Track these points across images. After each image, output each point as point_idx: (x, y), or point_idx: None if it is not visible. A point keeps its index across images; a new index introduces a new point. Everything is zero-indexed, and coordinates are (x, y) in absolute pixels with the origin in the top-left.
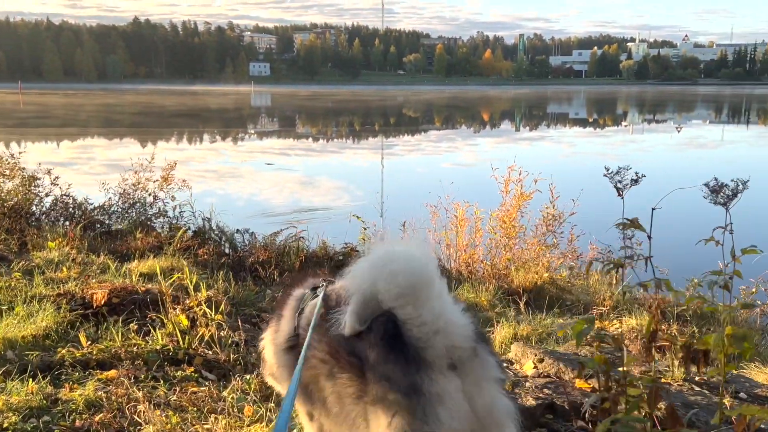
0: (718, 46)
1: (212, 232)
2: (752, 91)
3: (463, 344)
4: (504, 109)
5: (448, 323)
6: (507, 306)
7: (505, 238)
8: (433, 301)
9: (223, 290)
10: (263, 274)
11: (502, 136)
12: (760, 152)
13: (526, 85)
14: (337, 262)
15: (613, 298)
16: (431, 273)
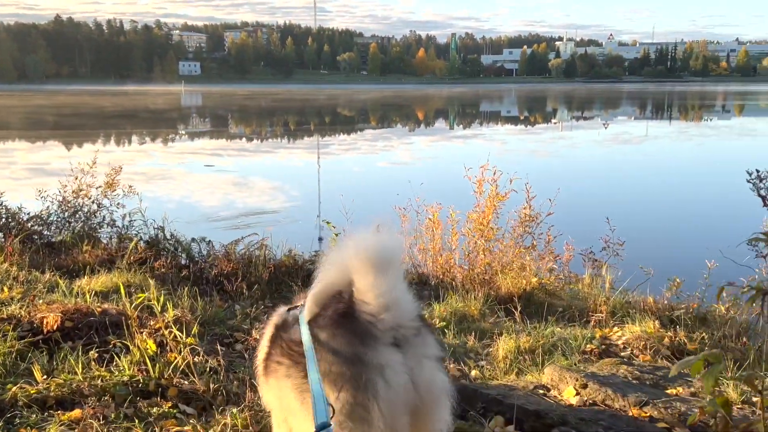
0: (641, 45)
1: (167, 242)
2: (673, 87)
3: (408, 323)
4: (439, 107)
5: (400, 301)
6: (498, 315)
7: (483, 241)
8: (390, 277)
9: (189, 308)
10: (230, 287)
11: (437, 135)
12: (682, 146)
13: (460, 84)
14: (307, 271)
15: (609, 303)
16: (395, 251)
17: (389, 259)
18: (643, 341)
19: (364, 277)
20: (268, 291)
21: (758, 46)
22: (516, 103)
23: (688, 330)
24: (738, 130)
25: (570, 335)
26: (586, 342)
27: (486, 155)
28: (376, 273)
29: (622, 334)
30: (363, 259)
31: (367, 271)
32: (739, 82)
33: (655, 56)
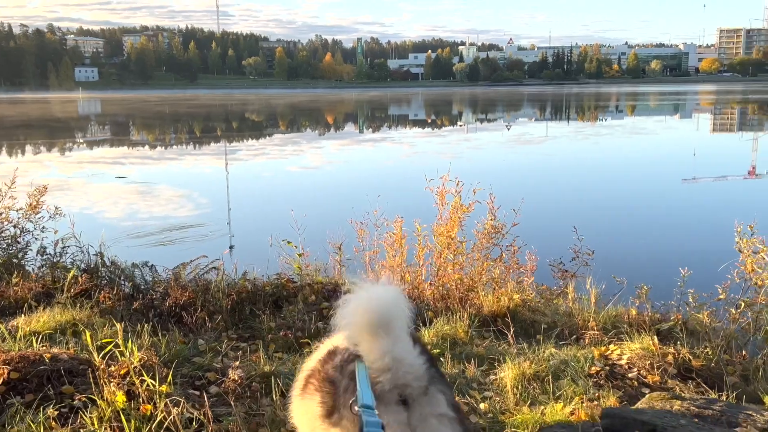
0: (539, 49)
1: (106, 269)
2: (570, 89)
3: (413, 383)
4: (349, 111)
5: (402, 361)
6: (486, 336)
7: (451, 255)
8: (390, 338)
9: (148, 345)
10: (189, 319)
11: (347, 139)
12: (580, 145)
13: (368, 88)
14: (271, 296)
15: (599, 319)
16: (395, 309)
17: (388, 320)
18: (646, 360)
19: (365, 339)
20: (231, 321)
21: (646, 50)
22: (423, 107)
23: (678, 342)
24: (630, 128)
25: (570, 356)
26: (588, 364)
27: (395, 157)
28: (375, 335)
29: (621, 353)
30: (362, 322)
31: (367, 333)
32: (630, 84)
33: (552, 60)
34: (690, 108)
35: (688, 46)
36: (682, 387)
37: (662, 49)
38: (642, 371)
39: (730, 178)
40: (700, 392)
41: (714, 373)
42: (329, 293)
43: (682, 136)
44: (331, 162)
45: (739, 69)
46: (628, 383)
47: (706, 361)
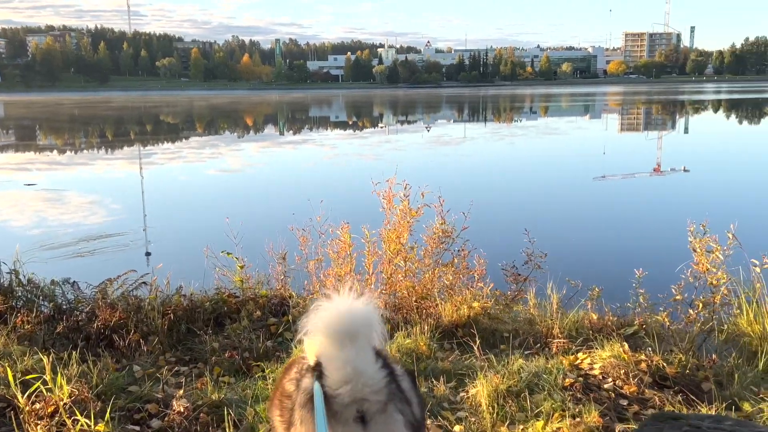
0: (456, 52)
1: (22, 288)
2: (487, 91)
3: (371, 398)
4: (269, 113)
5: (360, 375)
6: (447, 348)
7: (403, 262)
8: (351, 349)
9: (77, 375)
10: (121, 343)
11: (267, 141)
12: (497, 145)
13: (287, 89)
14: (211, 313)
15: (562, 326)
16: (360, 321)
17: (353, 330)
18: (620, 369)
19: (327, 348)
20: (168, 342)
21: (557, 53)
22: (344, 109)
23: (647, 347)
24: (543, 129)
25: (540, 368)
26: (561, 375)
27: (316, 159)
28: (338, 344)
29: (592, 362)
30: (326, 330)
31: (330, 342)
32: (543, 86)
33: (469, 62)
34: (599, 109)
35: (596, 49)
36: (661, 397)
37: (572, 52)
38: (618, 381)
39: (638, 175)
40: (688, 402)
41: (689, 379)
42: (276, 308)
43: (592, 135)
44: (252, 165)
45: (643, 71)
46: (604, 395)
47: (680, 367)
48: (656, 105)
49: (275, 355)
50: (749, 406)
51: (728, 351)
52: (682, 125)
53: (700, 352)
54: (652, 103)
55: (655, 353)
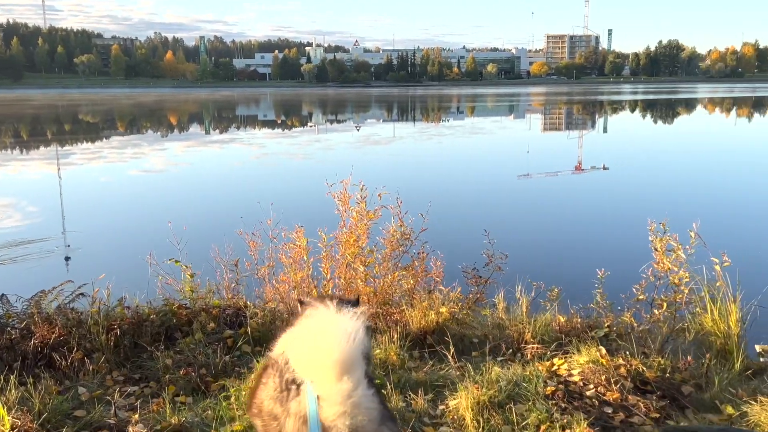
0: (384, 52)
1: None
2: (415, 91)
3: (367, 426)
4: (194, 111)
5: (358, 407)
6: (417, 357)
7: (362, 267)
8: (349, 384)
9: (16, 401)
10: (62, 362)
11: (192, 140)
12: (425, 145)
13: (213, 88)
14: (159, 326)
15: (534, 330)
16: (354, 355)
17: (353, 362)
18: (601, 374)
19: (325, 381)
20: (115, 360)
21: (482, 54)
22: (273, 107)
23: (623, 350)
24: (470, 129)
25: (518, 376)
26: (541, 383)
27: (244, 158)
28: (337, 378)
29: (569, 367)
30: (325, 362)
31: (329, 375)
32: (469, 86)
33: (397, 62)
34: (523, 109)
35: (519, 51)
36: (646, 403)
37: (497, 53)
38: (600, 388)
39: (560, 173)
40: (672, 407)
41: (669, 383)
42: (231, 319)
43: (517, 135)
44: (178, 165)
45: (565, 72)
46: (588, 403)
47: (660, 371)
48: (577, 105)
49: (234, 371)
50: (732, 409)
51: (699, 351)
52: (602, 125)
53: (673, 353)
54: (573, 103)
55: (633, 357)
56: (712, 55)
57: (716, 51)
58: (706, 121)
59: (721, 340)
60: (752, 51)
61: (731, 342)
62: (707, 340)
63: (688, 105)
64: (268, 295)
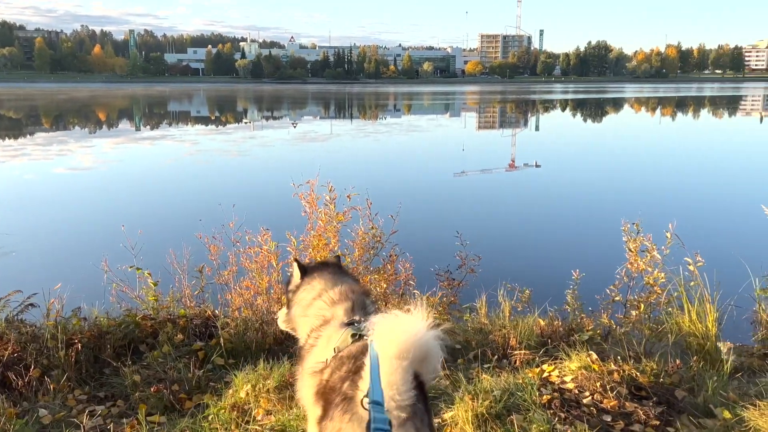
0: (320, 48)
1: None
2: (352, 89)
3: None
4: (123, 107)
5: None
6: None
7: None
8: (400, 365)
9: None
10: (18, 381)
11: (121, 137)
12: (363, 142)
13: (143, 83)
14: (122, 339)
15: (519, 335)
16: (429, 353)
17: (419, 355)
18: (595, 381)
19: (390, 360)
20: (77, 378)
21: (418, 52)
22: (206, 103)
23: (605, 354)
24: (407, 126)
25: (511, 385)
26: (536, 392)
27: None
28: (399, 362)
29: (561, 374)
30: (399, 349)
31: (396, 358)
32: (406, 84)
33: (334, 59)
34: (458, 107)
35: (454, 50)
36: (645, 410)
37: (432, 51)
38: (596, 395)
39: (495, 170)
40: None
41: (663, 388)
42: (200, 329)
43: (452, 133)
44: (107, 163)
45: (498, 71)
46: (586, 411)
47: (654, 376)
48: (510, 104)
49: (210, 387)
50: (728, 413)
51: (681, 353)
52: (534, 123)
53: (655, 355)
54: (507, 102)
55: (624, 362)
56: (638, 56)
57: (642, 52)
58: (635, 120)
59: (700, 340)
60: (675, 52)
61: (710, 343)
62: (685, 341)
63: (616, 104)
64: (234, 303)
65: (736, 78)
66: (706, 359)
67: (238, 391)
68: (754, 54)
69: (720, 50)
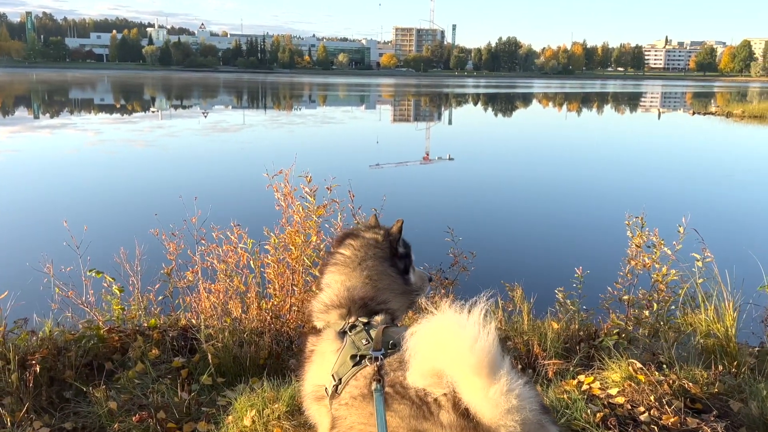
0: (232, 36)
1: None
2: (265, 78)
3: (533, 418)
4: (21, 93)
5: (520, 398)
6: None
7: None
8: (501, 378)
9: None
10: None
11: (19, 125)
12: (275, 133)
13: (43, 68)
14: (83, 357)
15: (545, 343)
16: (492, 348)
17: (498, 357)
18: (647, 394)
19: (476, 384)
20: (35, 406)
21: (333, 43)
22: (111, 91)
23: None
24: (322, 118)
25: (554, 401)
26: (585, 407)
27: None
28: (490, 378)
29: (603, 385)
30: (473, 366)
31: (480, 378)
32: (321, 75)
33: (246, 48)
34: (374, 99)
35: (369, 42)
36: (714, 427)
37: (347, 43)
38: (653, 411)
39: (409, 163)
40: (734, 429)
41: (717, 398)
42: (178, 342)
43: (367, 125)
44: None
45: (413, 65)
46: (646, 430)
47: (706, 385)
48: (424, 97)
49: (201, 412)
50: None
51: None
52: (447, 117)
53: (682, 359)
54: (421, 95)
55: (670, 370)
56: (546, 53)
57: (550, 49)
58: (542, 114)
59: (721, 342)
60: (581, 50)
61: (732, 344)
62: (706, 342)
63: (525, 99)
64: (206, 310)
65: (636, 75)
66: (725, 362)
67: (241, 418)
68: (653, 53)
69: (622, 48)
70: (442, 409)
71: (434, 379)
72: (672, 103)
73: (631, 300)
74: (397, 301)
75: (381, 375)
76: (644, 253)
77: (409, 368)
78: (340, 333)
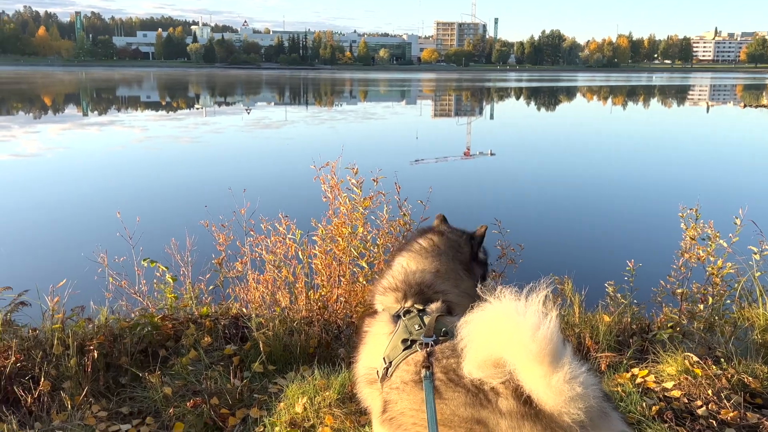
0: (274, 33)
1: None
2: (307, 74)
3: (596, 406)
4: (69, 92)
5: (583, 385)
6: None
7: (364, 263)
8: (563, 367)
9: None
10: (28, 397)
11: (68, 122)
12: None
13: (91, 66)
14: (138, 344)
15: (596, 336)
16: (553, 336)
17: (559, 345)
18: (705, 388)
19: (539, 373)
20: (94, 391)
21: (374, 39)
22: (156, 88)
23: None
24: (363, 114)
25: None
26: (640, 400)
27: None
28: (552, 366)
29: (658, 379)
30: (534, 355)
31: (542, 366)
32: (362, 71)
33: (288, 44)
34: (415, 95)
35: (410, 37)
36: None
37: (388, 38)
38: (711, 405)
39: (450, 158)
40: None
41: None
42: (230, 331)
43: (408, 120)
44: (50, 149)
45: (454, 59)
46: (703, 424)
47: (767, 380)
48: (466, 92)
49: (254, 399)
50: None
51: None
52: (489, 111)
53: (740, 354)
54: (462, 90)
55: (728, 364)
56: (591, 45)
57: (594, 42)
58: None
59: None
60: (626, 42)
61: None
62: (764, 336)
63: (569, 92)
64: (255, 300)
65: (684, 68)
66: None
67: (293, 405)
68: (702, 45)
69: (669, 41)
70: (500, 396)
71: (491, 368)
72: (721, 96)
73: (685, 293)
74: (458, 297)
75: (430, 362)
76: (699, 246)
77: (465, 358)
78: (395, 316)
